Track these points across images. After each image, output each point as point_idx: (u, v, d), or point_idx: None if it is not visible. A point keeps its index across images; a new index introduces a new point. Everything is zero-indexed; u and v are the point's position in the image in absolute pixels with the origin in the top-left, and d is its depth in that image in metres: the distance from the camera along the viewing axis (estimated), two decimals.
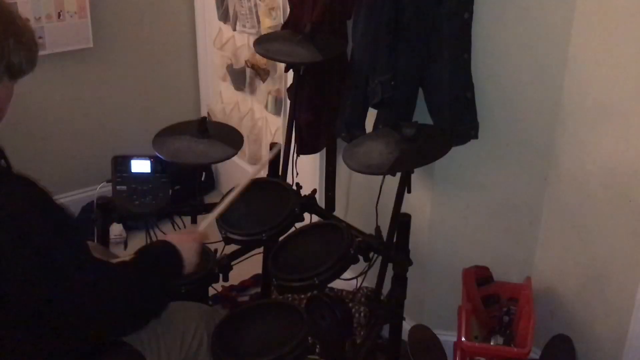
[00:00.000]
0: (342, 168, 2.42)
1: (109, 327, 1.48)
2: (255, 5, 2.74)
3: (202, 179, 2.44)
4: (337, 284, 2.12)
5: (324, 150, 2.47)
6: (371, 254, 1.95)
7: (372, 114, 2.10)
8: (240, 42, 3.01)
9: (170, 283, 1.63)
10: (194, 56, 3.36)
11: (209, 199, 2.78)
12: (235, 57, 3.02)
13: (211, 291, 2.29)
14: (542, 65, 1.99)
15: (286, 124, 2.33)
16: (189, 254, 1.64)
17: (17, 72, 1.37)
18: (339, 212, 2.46)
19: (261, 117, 3.02)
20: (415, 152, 1.84)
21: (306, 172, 2.48)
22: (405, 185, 1.88)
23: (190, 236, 1.70)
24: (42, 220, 1.34)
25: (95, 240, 2.15)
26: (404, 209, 1.92)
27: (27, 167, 1.48)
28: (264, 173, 2.36)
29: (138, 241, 2.17)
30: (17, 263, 1.31)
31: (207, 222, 1.82)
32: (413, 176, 1.89)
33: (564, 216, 2.11)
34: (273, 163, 2.33)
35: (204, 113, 3.36)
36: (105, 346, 1.56)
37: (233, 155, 2.12)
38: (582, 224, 2.07)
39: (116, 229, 2.78)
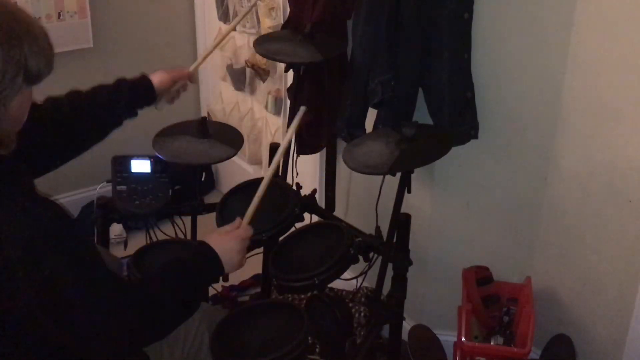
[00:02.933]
0: (342, 168, 2.42)
1: (123, 352, 1.44)
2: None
3: (202, 179, 2.44)
4: (337, 284, 2.12)
5: (324, 150, 2.46)
6: (371, 254, 1.94)
7: (372, 114, 2.10)
8: (240, 42, 3.01)
9: (206, 287, 1.55)
10: (194, 56, 3.35)
11: (209, 199, 2.78)
12: (235, 57, 3.02)
13: (211, 291, 2.29)
14: (542, 65, 1.99)
15: (286, 124, 2.32)
16: (229, 255, 1.56)
17: (35, 77, 1.33)
18: (339, 212, 2.45)
19: (261, 117, 3.02)
20: (415, 152, 1.84)
21: (306, 172, 2.48)
22: (405, 185, 1.88)
23: (232, 234, 1.61)
24: (56, 249, 1.28)
25: (95, 240, 2.15)
26: (404, 209, 1.92)
27: None
28: (265, 172, 2.35)
29: (138, 241, 2.17)
30: (26, 287, 1.27)
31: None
32: (413, 176, 1.88)
33: (564, 216, 2.11)
34: None
35: (204, 113, 3.36)
36: None
37: (233, 155, 2.12)
38: (582, 224, 2.06)
39: (116, 229, 2.78)
